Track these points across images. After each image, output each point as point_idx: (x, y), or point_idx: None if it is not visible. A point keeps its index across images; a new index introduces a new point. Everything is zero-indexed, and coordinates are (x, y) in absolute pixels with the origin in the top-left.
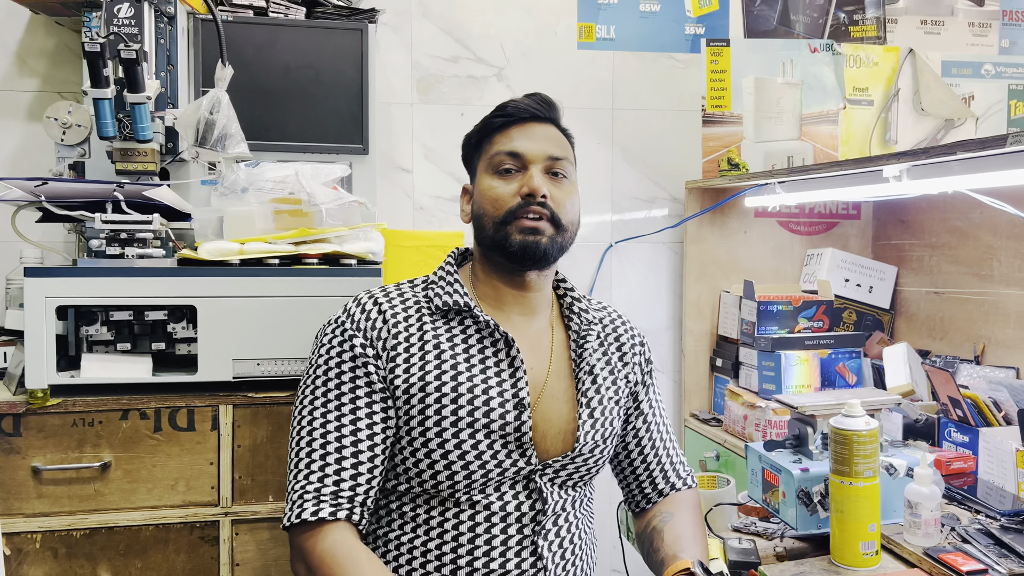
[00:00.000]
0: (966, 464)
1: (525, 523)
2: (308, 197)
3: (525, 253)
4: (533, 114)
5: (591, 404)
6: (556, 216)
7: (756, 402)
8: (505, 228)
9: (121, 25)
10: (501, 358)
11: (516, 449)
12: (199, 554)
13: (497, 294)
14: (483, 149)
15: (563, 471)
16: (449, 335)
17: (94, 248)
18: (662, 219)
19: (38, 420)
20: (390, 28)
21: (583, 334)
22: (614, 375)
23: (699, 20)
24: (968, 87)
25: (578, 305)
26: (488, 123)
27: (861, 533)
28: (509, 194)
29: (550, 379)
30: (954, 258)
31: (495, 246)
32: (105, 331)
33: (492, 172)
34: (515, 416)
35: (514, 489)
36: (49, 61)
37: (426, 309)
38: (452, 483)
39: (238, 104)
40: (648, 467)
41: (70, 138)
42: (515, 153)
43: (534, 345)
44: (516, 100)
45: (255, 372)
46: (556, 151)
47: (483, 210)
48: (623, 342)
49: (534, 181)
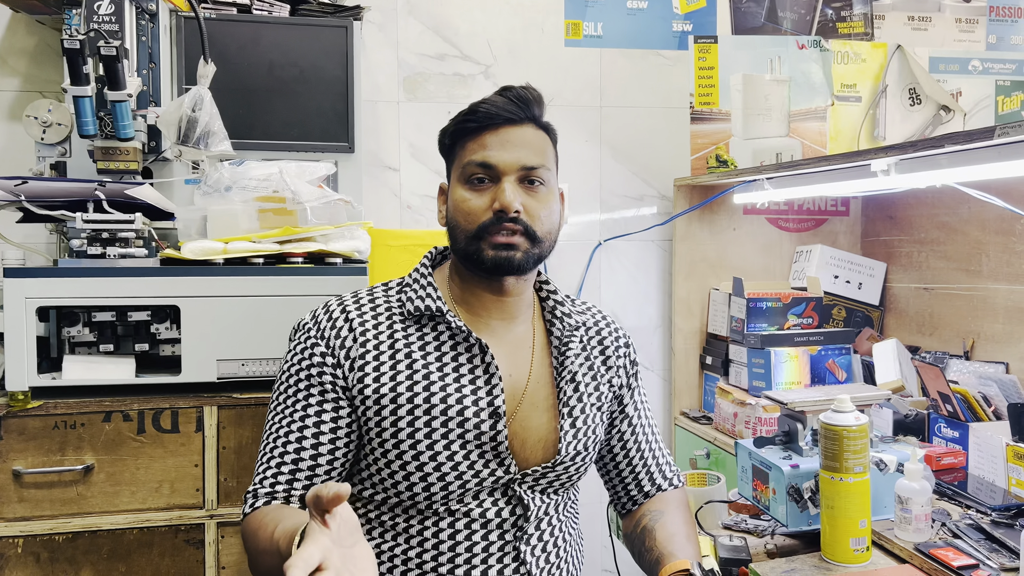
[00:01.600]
0: (956, 459)
1: (507, 529)
2: (293, 195)
3: (498, 269)
4: (507, 118)
5: (573, 413)
6: (531, 229)
7: (746, 399)
8: (478, 243)
9: (101, 22)
10: (476, 364)
11: (494, 458)
12: (184, 557)
13: (474, 298)
14: (456, 154)
15: (543, 479)
16: (421, 342)
17: (75, 248)
18: (651, 217)
19: (19, 423)
20: (376, 26)
21: (565, 340)
22: (597, 380)
23: (687, 17)
24: (955, 83)
25: (560, 309)
26: (460, 127)
27: (852, 529)
28: (481, 208)
29: (530, 386)
30: (943, 254)
31: (468, 259)
32: (87, 332)
33: (464, 182)
34: (491, 425)
35: (493, 496)
36: (30, 60)
37: (397, 315)
38: (428, 493)
39: (222, 102)
40: (633, 469)
41: (50, 137)
42: (486, 164)
43: (514, 351)
44: (490, 101)
45: (240, 372)
46: (531, 159)
47: (456, 222)
48: (607, 345)
49: (506, 197)
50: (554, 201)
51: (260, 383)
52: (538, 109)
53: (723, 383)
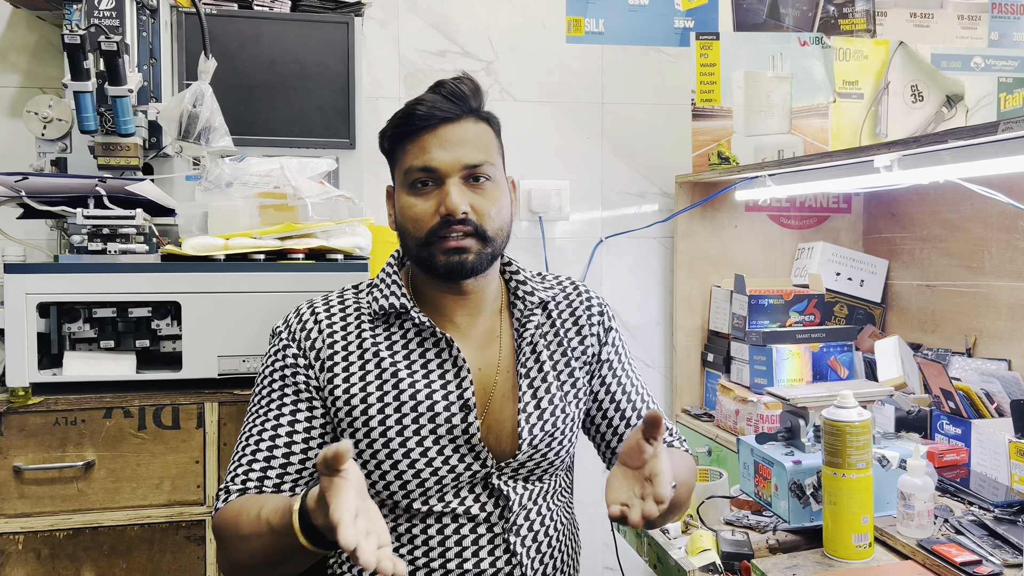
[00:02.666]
0: (959, 456)
1: (494, 522)
2: (294, 191)
3: (451, 274)
4: (443, 117)
5: (537, 394)
6: (481, 229)
7: (748, 396)
8: (429, 249)
9: (102, 17)
10: (445, 359)
11: (468, 452)
12: (185, 554)
13: (436, 298)
14: (397, 158)
15: (522, 468)
16: (389, 340)
17: (76, 244)
18: (652, 214)
19: (19, 419)
20: (377, 22)
21: (524, 320)
22: (567, 355)
23: (688, 14)
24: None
25: (523, 289)
26: (396, 132)
27: (854, 525)
28: (428, 213)
29: (500, 377)
30: (945, 251)
31: (421, 265)
32: (88, 328)
33: (407, 188)
34: (462, 419)
35: (474, 492)
36: (31, 56)
37: (366, 315)
38: (406, 491)
39: (222, 98)
40: (629, 423)
41: (51, 133)
42: (428, 168)
43: (482, 345)
44: (426, 100)
45: (241, 369)
46: (473, 157)
47: (404, 228)
48: (579, 315)
49: (451, 200)
50: (503, 196)
51: None
52: (475, 101)
53: (725, 380)
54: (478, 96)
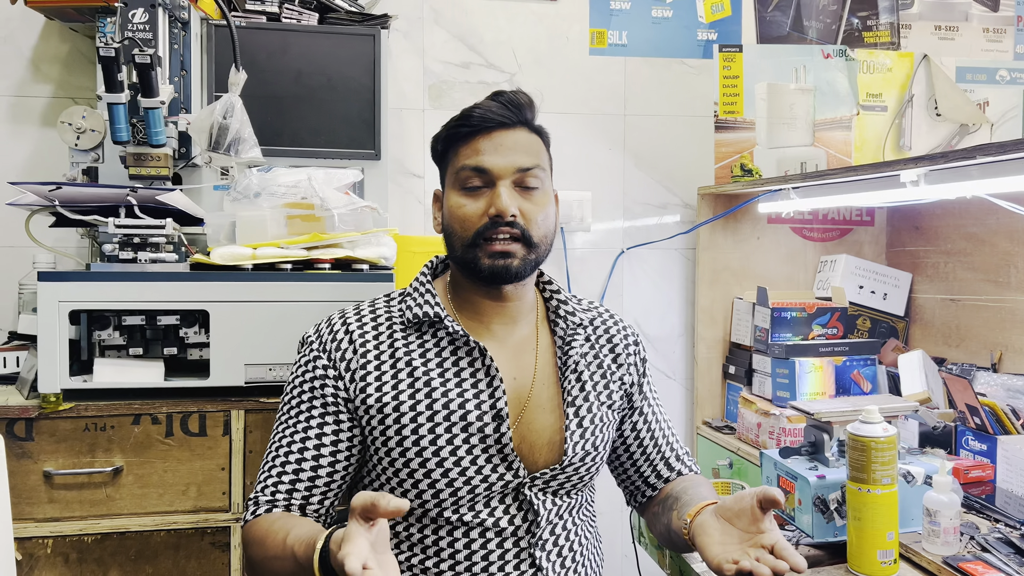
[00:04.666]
0: (984, 472)
1: (520, 535)
2: (320, 202)
3: (495, 278)
4: (500, 122)
5: (580, 412)
6: (527, 234)
7: (770, 409)
8: (474, 251)
9: (136, 30)
10: (477, 368)
11: (501, 462)
12: (210, 560)
13: (474, 304)
14: (449, 160)
15: (554, 481)
16: (421, 349)
17: (107, 253)
18: (674, 225)
19: (50, 424)
20: (402, 34)
21: (568, 339)
22: (606, 378)
23: (711, 26)
24: (983, 93)
25: (564, 308)
26: (453, 133)
27: (879, 541)
28: (477, 214)
29: (535, 388)
30: (970, 265)
31: (465, 267)
32: (117, 336)
33: (458, 188)
34: (495, 428)
35: (504, 503)
36: (63, 67)
37: (398, 324)
38: (438, 500)
39: (251, 110)
40: (650, 458)
41: (84, 143)
42: (481, 169)
43: (517, 353)
44: (482, 105)
45: (267, 377)
46: (525, 161)
47: (452, 229)
48: (616, 343)
49: (501, 201)
50: (549, 204)
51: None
52: (530, 113)
53: (746, 393)
54: (532, 109)
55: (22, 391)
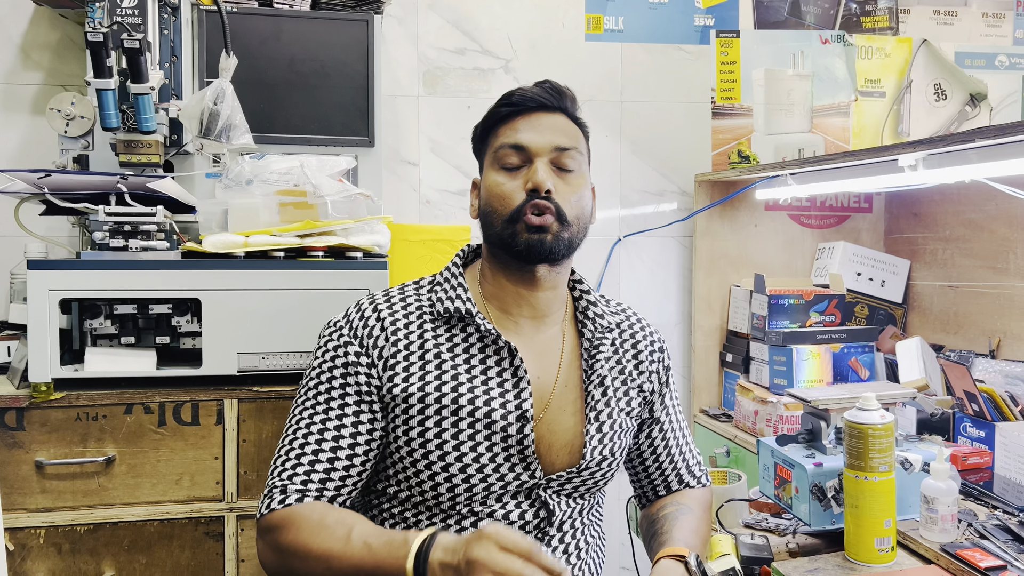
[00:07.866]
0: (982, 459)
1: (529, 532)
2: (313, 189)
3: (531, 253)
4: (541, 103)
5: (600, 418)
6: (561, 211)
7: (767, 397)
8: (513, 227)
9: (124, 15)
10: (504, 367)
11: (520, 462)
12: (204, 550)
13: (505, 295)
14: (488, 142)
15: (569, 484)
16: (451, 343)
17: (97, 241)
18: (671, 213)
19: (41, 414)
20: (396, 20)
21: (596, 343)
22: (627, 385)
23: (708, 11)
24: (981, 78)
25: (593, 310)
26: (493, 113)
27: (876, 529)
28: (515, 190)
29: (558, 389)
30: (968, 251)
31: (502, 244)
32: (109, 324)
33: (497, 167)
34: (518, 428)
35: (516, 500)
36: (53, 54)
37: (428, 315)
38: (452, 494)
39: (243, 96)
40: (661, 468)
41: (73, 130)
42: (519, 146)
43: (543, 352)
44: (524, 88)
45: (260, 366)
46: (563, 141)
47: (490, 207)
48: (640, 349)
49: (538, 175)
50: (585, 188)
51: (280, 376)
52: (571, 103)
53: (744, 380)
54: (575, 103)
55: (13, 381)
